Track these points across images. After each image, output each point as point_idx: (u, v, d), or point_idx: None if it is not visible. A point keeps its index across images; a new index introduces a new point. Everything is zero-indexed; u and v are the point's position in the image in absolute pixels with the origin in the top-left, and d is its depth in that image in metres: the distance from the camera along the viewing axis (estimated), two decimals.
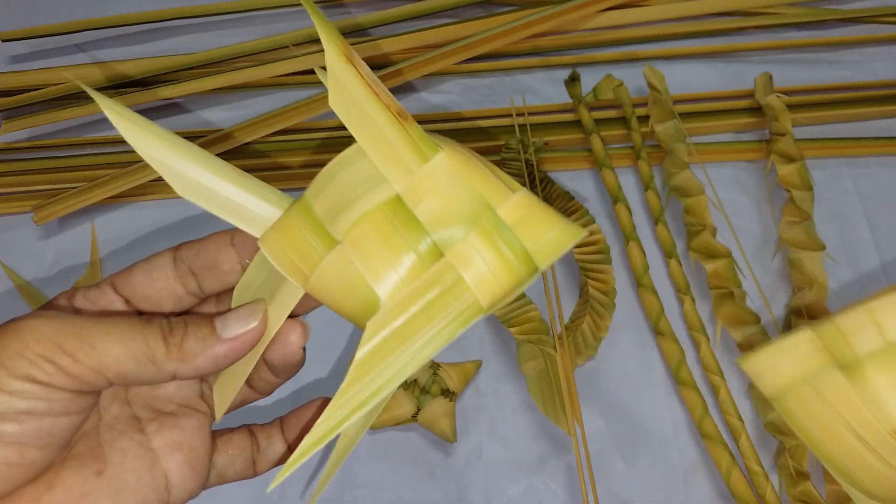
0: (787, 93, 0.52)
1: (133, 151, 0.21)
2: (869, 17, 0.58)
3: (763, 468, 0.39)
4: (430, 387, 0.42)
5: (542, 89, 0.56)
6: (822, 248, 0.44)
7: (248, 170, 0.23)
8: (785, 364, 0.23)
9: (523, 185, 0.48)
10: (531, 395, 0.40)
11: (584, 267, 0.46)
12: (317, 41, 0.56)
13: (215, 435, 0.26)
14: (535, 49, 0.58)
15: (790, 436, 0.39)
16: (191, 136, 0.53)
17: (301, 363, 0.25)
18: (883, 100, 0.53)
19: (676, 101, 0.53)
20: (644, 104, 0.52)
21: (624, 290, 0.46)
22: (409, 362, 0.21)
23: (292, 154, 0.53)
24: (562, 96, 0.55)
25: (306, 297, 0.23)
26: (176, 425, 0.24)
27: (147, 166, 0.50)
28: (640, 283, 0.45)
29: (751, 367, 0.24)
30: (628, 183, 0.51)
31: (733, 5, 0.58)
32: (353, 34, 0.57)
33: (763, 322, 0.42)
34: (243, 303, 0.23)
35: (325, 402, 0.27)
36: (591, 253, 0.46)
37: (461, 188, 0.21)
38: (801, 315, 0.43)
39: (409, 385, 0.42)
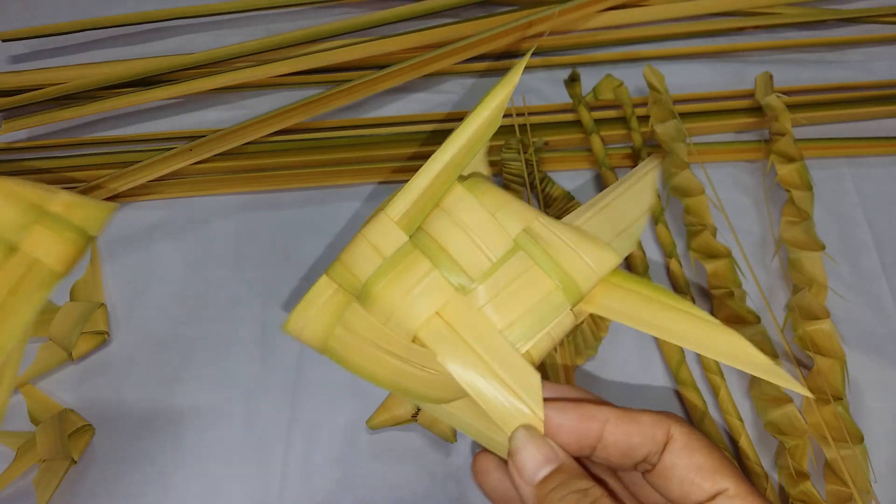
0: (787, 93, 0.52)
1: (132, 152, 0.21)
2: (869, 17, 0.58)
3: (763, 468, 0.39)
4: None
5: (543, 89, 0.56)
6: (822, 248, 0.44)
7: (249, 170, 0.23)
8: (316, 315, 0.24)
9: (522, 185, 0.49)
10: None
11: None
12: (316, 41, 0.56)
13: None
14: (536, 49, 0.58)
15: (790, 436, 0.39)
16: (191, 137, 0.53)
17: None
18: (883, 100, 0.53)
19: (676, 101, 0.53)
20: (644, 104, 0.52)
21: None
22: None
23: (292, 154, 0.53)
24: (562, 96, 0.55)
25: None
26: None
27: (146, 167, 0.51)
28: None
29: (293, 329, 0.25)
30: None
31: (733, 5, 0.58)
32: (353, 34, 0.57)
33: (763, 322, 0.42)
34: None
35: None
36: None
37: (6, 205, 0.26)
38: (797, 315, 0.43)
39: None
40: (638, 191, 0.25)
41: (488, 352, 0.22)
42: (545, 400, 0.22)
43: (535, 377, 0.22)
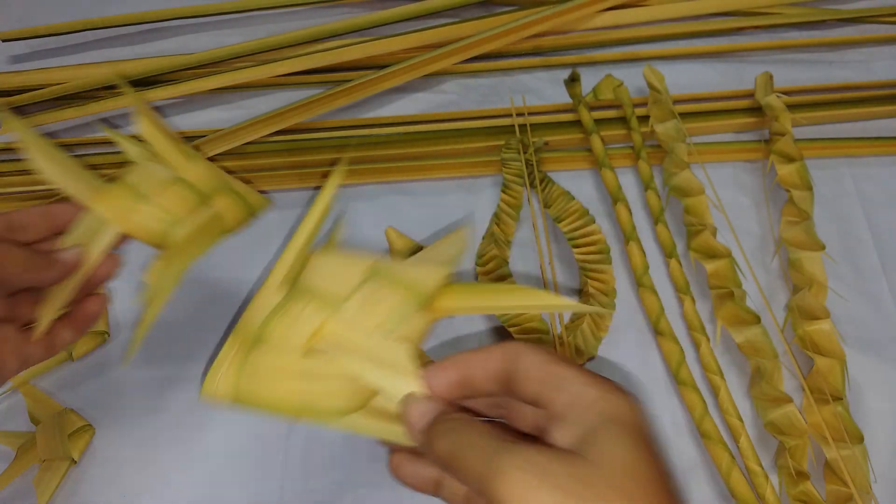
0: (787, 93, 0.52)
1: None
2: (869, 17, 0.58)
3: (763, 468, 0.39)
4: None
5: (543, 89, 0.56)
6: (822, 248, 0.44)
7: (249, 170, 0.23)
8: (225, 373, 0.29)
9: (522, 185, 0.50)
10: None
11: (584, 267, 0.46)
12: (316, 41, 0.56)
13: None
14: (536, 49, 0.58)
15: (790, 436, 0.39)
16: (191, 137, 0.53)
17: (98, 314, 0.36)
18: (883, 100, 0.53)
19: (676, 101, 0.53)
20: (644, 104, 0.52)
21: (624, 290, 0.46)
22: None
23: (292, 154, 0.53)
24: (562, 96, 0.55)
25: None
26: None
27: None
28: (640, 283, 0.45)
29: (208, 393, 0.29)
30: (628, 183, 0.51)
31: (733, 5, 0.58)
32: (353, 34, 0.57)
33: (763, 322, 0.42)
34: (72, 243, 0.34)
35: (103, 298, 0.37)
36: (591, 253, 0.46)
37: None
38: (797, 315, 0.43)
39: None
40: (453, 241, 0.33)
41: (367, 345, 0.28)
42: (424, 368, 0.27)
43: (407, 353, 0.27)
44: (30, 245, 0.34)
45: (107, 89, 0.55)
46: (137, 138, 0.37)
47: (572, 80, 0.54)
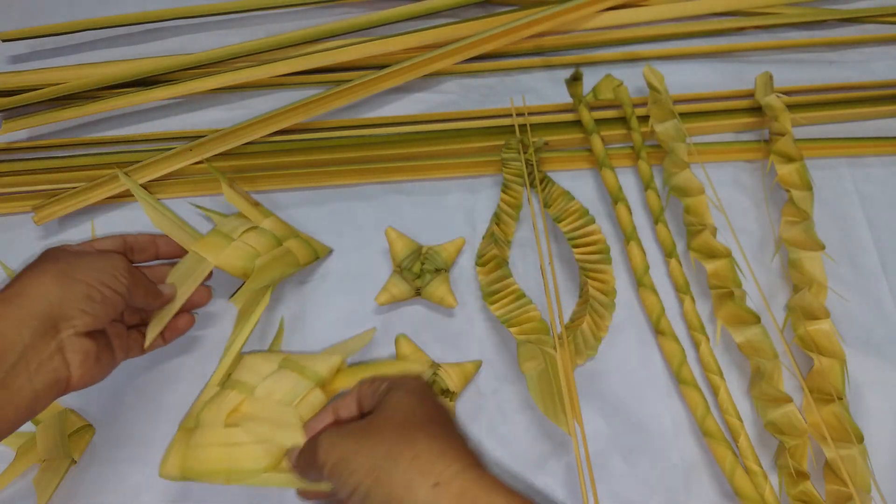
0: (787, 93, 0.52)
1: (132, 152, 0.21)
2: (869, 17, 0.58)
3: (762, 468, 0.39)
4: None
5: (543, 89, 0.56)
6: (822, 248, 0.44)
7: (248, 170, 0.23)
8: (175, 455, 0.36)
9: (523, 185, 0.49)
10: (531, 395, 0.40)
11: (584, 267, 0.46)
12: (316, 41, 0.56)
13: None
14: (536, 49, 0.58)
15: (790, 436, 0.39)
16: (191, 137, 0.53)
17: (190, 324, 0.43)
18: (883, 100, 0.53)
19: (676, 101, 0.53)
20: (644, 104, 0.52)
21: (624, 290, 0.46)
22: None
23: (292, 154, 0.53)
24: (562, 96, 0.55)
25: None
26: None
27: (145, 167, 0.51)
28: (641, 282, 0.45)
29: (164, 473, 0.36)
30: (628, 183, 0.51)
31: (733, 5, 0.58)
32: (353, 34, 0.57)
33: (763, 322, 0.42)
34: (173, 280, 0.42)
35: (191, 318, 0.43)
36: (591, 253, 0.46)
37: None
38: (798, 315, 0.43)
39: None
40: (357, 339, 0.44)
41: (269, 413, 0.37)
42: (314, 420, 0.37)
43: (295, 417, 0.37)
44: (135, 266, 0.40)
45: (107, 89, 0.55)
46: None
47: (574, 80, 0.54)
